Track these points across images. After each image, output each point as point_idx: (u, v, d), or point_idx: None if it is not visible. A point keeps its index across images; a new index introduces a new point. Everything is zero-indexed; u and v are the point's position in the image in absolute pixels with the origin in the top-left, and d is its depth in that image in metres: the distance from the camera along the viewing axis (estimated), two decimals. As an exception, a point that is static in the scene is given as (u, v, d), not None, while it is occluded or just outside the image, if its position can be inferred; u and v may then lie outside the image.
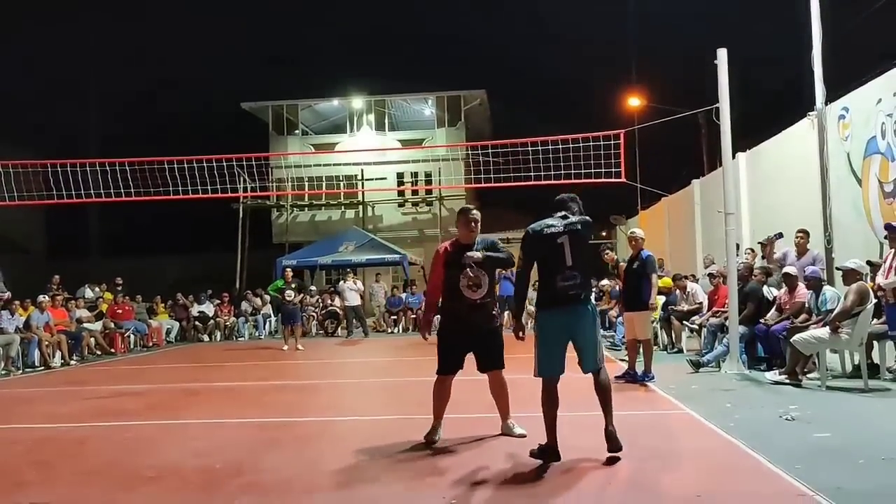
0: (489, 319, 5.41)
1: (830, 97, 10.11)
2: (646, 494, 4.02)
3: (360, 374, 10.84)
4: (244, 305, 19.82)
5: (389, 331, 19.51)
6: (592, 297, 4.89)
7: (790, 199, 11.43)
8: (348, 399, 8.39)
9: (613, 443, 4.66)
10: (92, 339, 14.47)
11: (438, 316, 5.75)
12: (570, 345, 4.79)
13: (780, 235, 9.68)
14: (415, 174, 30.11)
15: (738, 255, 9.77)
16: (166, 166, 14.26)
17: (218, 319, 19.03)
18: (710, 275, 11.13)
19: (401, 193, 30.57)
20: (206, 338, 18.57)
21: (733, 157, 10.15)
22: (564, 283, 4.66)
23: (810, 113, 10.45)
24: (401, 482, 4.42)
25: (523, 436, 5.28)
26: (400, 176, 30.03)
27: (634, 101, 25.78)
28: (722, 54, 9.17)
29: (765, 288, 9.38)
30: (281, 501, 4.08)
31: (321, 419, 6.84)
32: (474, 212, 5.51)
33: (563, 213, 4.88)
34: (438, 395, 5.42)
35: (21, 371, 12.08)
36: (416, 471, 4.62)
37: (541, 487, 4.19)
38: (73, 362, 13.16)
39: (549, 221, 4.82)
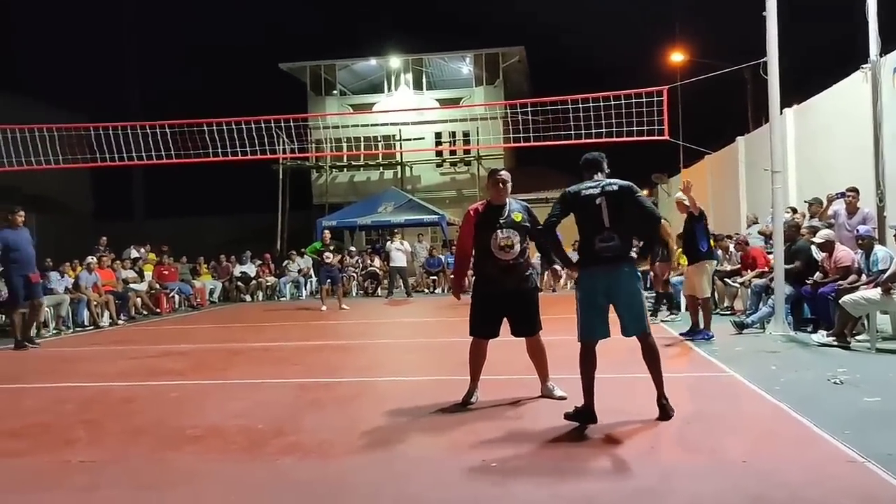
0: (522, 281, 5.31)
1: (885, 49, 9.66)
2: (689, 459, 3.96)
3: (398, 335, 10.89)
4: (286, 265, 20.03)
5: (427, 291, 19.58)
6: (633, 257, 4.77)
7: (840, 156, 11.08)
8: (387, 359, 8.44)
9: (664, 414, 4.64)
10: (138, 300, 14.79)
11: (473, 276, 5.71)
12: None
13: (843, 194, 9.45)
14: (453, 134, 29.89)
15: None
16: (205, 128, 14.36)
17: (259, 280, 19.29)
18: (762, 234, 11.00)
19: (439, 153, 30.43)
20: (247, 298, 18.86)
21: (781, 112, 9.82)
22: (602, 245, 4.59)
23: (863, 65, 10.03)
24: (439, 444, 4.43)
25: (564, 398, 5.25)
26: (438, 136, 29.86)
27: (678, 57, 25.13)
28: (771, 5, 8.81)
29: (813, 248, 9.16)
30: (321, 462, 4.12)
31: (360, 380, 6.89)
32: (503, 172, 5.41)
33: (599, 174, 4.82)
34: (475, 358, 5.40)
35: (71, 330, 12.42)
36: (455, 432, 4.62)
37: (581, 450, 4.16)
38: (120, 322, 13.49)
39: (587, 184, 4.75)
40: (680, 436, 4.41)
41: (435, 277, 19.80)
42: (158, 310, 15.29)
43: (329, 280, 14.86)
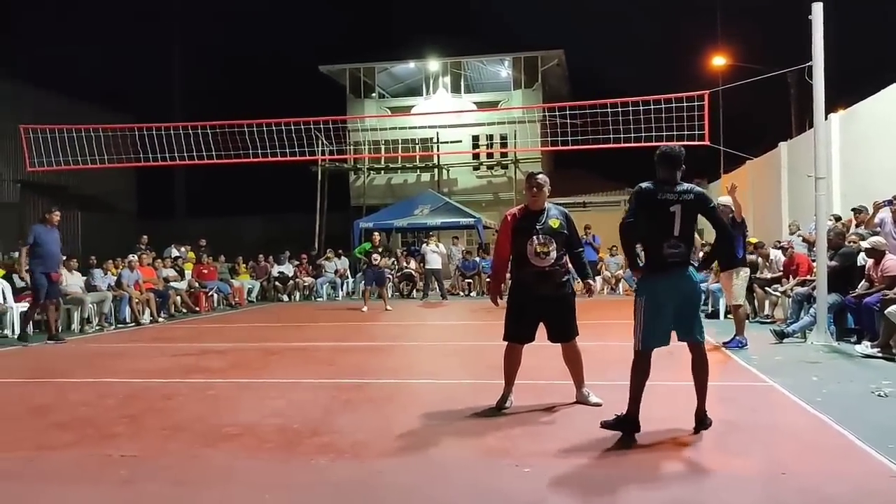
0: (558, 287, 5.28)
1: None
2: (726, 470, 3.90)
3: (433, 337, 10.91)
4: (323, 266, 20.19)
5: (462, 294, 19.59)
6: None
7: (886, 163, 10.83)
8: (421, 362, 8.45)
9: (701, 426, 4.56)
10: (178, 298, 15.04)
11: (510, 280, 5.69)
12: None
13: (891, 202, 9.25)
14: (490, 137, 29.85)
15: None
16: (246, 130, 14.55)
17: (297, 280, 19.48)
18: (806, 241, 10.86)
19: (476, 156, 30.41)
20: (285, 298, 19.06)
21: (826, 118, 9.62)
22: (670, 251, 4.52)
23: (914, 70, 9.80)
24: (473, 448, 4.42)
25: (599, 404, 5.21)
26: (475, 138, 29.84)
27: (719, 61, 24.81)
28: (817, 9, 8.65)
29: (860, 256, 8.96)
30: (355, 463, 4.14)
31: (395, 381, 6.91)
32: (539, 177, 5.34)
33: (678, 174, 4.65)
34: (509, 362, 5.38)
35: (113, 327, 12.67)
36: (488, 437, 4.61)
37: (616, 457, 4.12)
38: (160, 319, 13.72)
39: (664, 187, 4.59)
40: (717, 446, 4.35)
41: (470, 280, 19.79)
42: (197, 308, 15.52)
43: (375, 282, 15.07)
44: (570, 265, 5.48)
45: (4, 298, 11.61)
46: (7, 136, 20.71)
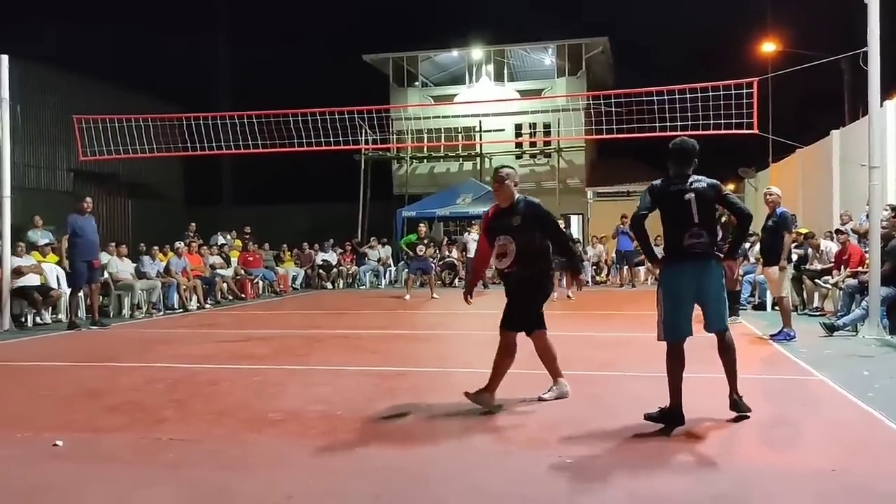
0: (517, 285, 5.19)
1: None
2: (773, 465, 3.83)
3: (474, 326, 10.90)
4: (366, 255, 20.33)
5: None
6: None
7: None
8: (463, 350, 8.47)
9: (740, 410, 4.55)
10: (224, 285, 15.30)
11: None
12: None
13: None
14: (533, 125, 29.64)
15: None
16: (290, 118, 14.67)
17: (341, 268, 19.66)
18: (856, 232, 10.59)
19: (519, 145, 30.23)
20: (329, 285, 19.25)
21: (881, 105, 9.33)
22: (692, 241, 4.52)
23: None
24: (513, 437, 4.43)
25: (545, 400, 5.18)
26: (518, 127, 29.66)
27: (769, 47, 24.19)
28: (874, -8, 8.38)
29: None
30: (397, 451, 4.17)
31: (437, 370, 6.95)
32: (503, 170, 5.21)
33: (689, 168, 4.69)
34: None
35: (162, 313, 12.96)
36: (530, 427, 4.61)
37: (659, 450, 4.08)
38: (207, 306, 13.98)
39: (675, 180, 4.67)
40: (763, 440, 4.28)
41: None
42: (243, 295, 15.77)
43: (420, 270, 15.39)
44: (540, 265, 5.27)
45: (59, 284, 11.95)
46: (61, 126, 21.25)
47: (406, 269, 15.75)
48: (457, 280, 19.33)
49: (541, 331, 5.23)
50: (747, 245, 12.32)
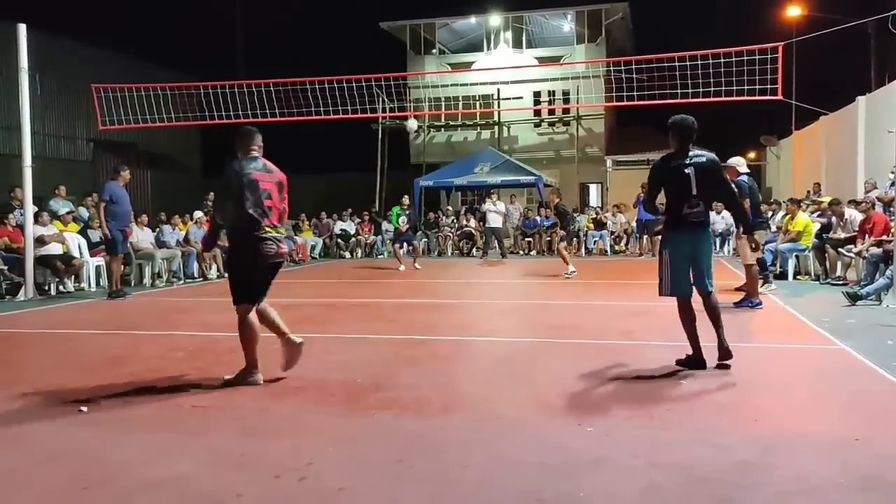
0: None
1: None
2: (796, 434, 3.79)
3: (493, 295, 10.91)
4: (383, 225, 20.33)
5: (522, 253, 19.49)
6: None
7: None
8: (482, 319, 8.45)
9: (725, 353, 5.02)
10: (243, 254, 15.34)
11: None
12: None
13: None
14: (552, 93, 29.35)
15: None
16: (308, 87, 14.59)
17: (359, 237, 19.69)
18: (881, 200, 10.40)
19: (537, 113, 29.97)
20: (347, 255, 19.31)
21: (911, 69, 9.10)
22: (690, 210, 5.08)
23: None
24: (534, 405, 4.41)
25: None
26: (537, 95, 29.38)
27: (794, 11, 23.68)
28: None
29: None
30: (417, 418, 4.19)
31: (456, 338, 6.95)
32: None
33: (689, 144, 5.16)
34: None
35: (182, 282, 13.07)
36: (550, 396, 4.59)
37: (680, 419, 4.06)
38: (227, 274, 14.04)
39: (676, 157, 5.18)
40: (786, 409, 4.24)
41: (530, 239, 19.67)
42: (262, 264, 15.81)
43: (405, 241, 15.61)
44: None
45: (81, 253, 12.05)
46: (80, 96, 21.30)
47: (394, 242, 15.84)
48: (474, 249, 19.31)
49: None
50: (770, 214, 12.19)
